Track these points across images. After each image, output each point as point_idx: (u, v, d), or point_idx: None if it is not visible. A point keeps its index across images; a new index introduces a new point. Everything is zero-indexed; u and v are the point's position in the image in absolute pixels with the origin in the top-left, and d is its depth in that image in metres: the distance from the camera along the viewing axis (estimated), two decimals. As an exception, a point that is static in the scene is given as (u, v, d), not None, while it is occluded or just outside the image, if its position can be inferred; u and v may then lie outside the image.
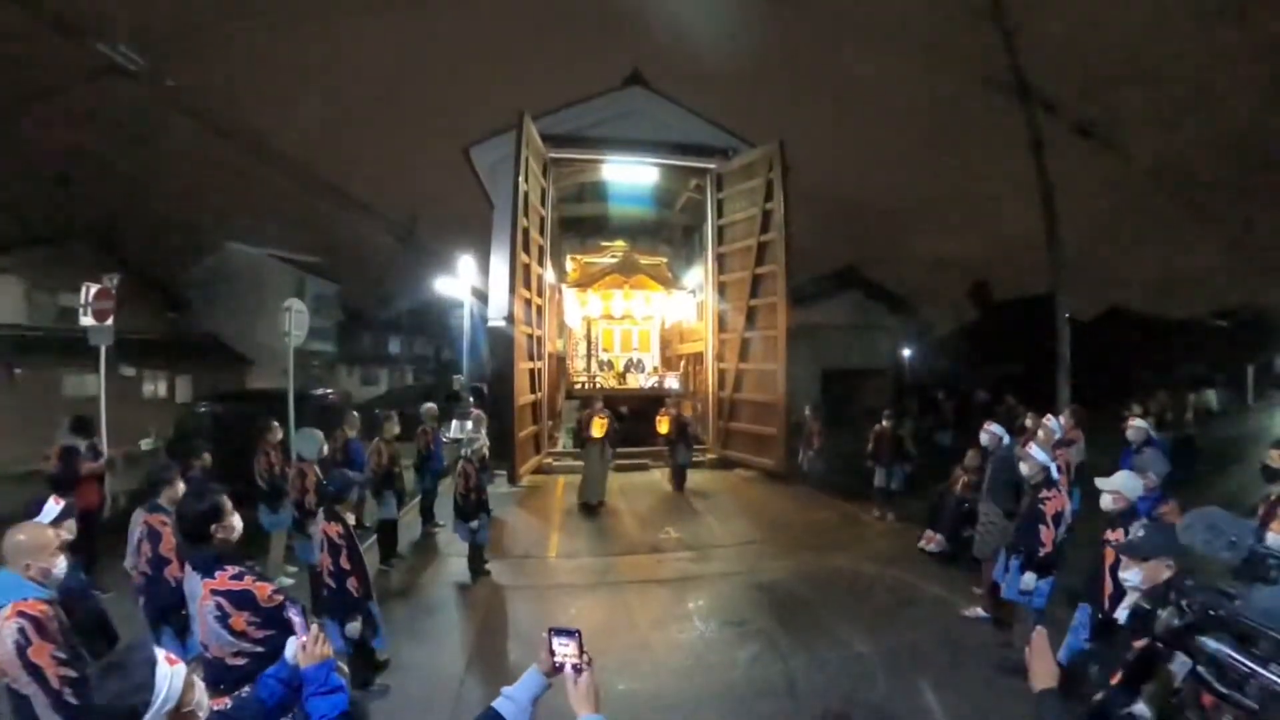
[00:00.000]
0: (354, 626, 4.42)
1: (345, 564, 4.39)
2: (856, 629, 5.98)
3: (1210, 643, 2.54)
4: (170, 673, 1.78)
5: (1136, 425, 7.20)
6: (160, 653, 1.83)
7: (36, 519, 3.60)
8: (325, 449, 7.01)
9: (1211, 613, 2.59)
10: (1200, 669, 2.51)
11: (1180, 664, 2.58)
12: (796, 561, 7.92)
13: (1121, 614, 3.21)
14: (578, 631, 1.92)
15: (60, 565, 3.06)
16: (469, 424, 10.92)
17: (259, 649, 2.90)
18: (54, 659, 2.69)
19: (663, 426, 11.50)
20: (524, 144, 11.59)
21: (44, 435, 7.66)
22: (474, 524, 7.16)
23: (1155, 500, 4.81)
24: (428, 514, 9.31)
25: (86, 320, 9.66)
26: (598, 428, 10.46)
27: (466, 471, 7.24)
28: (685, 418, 11.46)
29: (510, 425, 11.29)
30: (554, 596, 6.91)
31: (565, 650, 1.90)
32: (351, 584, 4.41)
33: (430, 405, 9.89)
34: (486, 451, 8.22)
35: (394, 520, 8.14)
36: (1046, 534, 4.82)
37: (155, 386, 22.47)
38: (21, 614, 2.71)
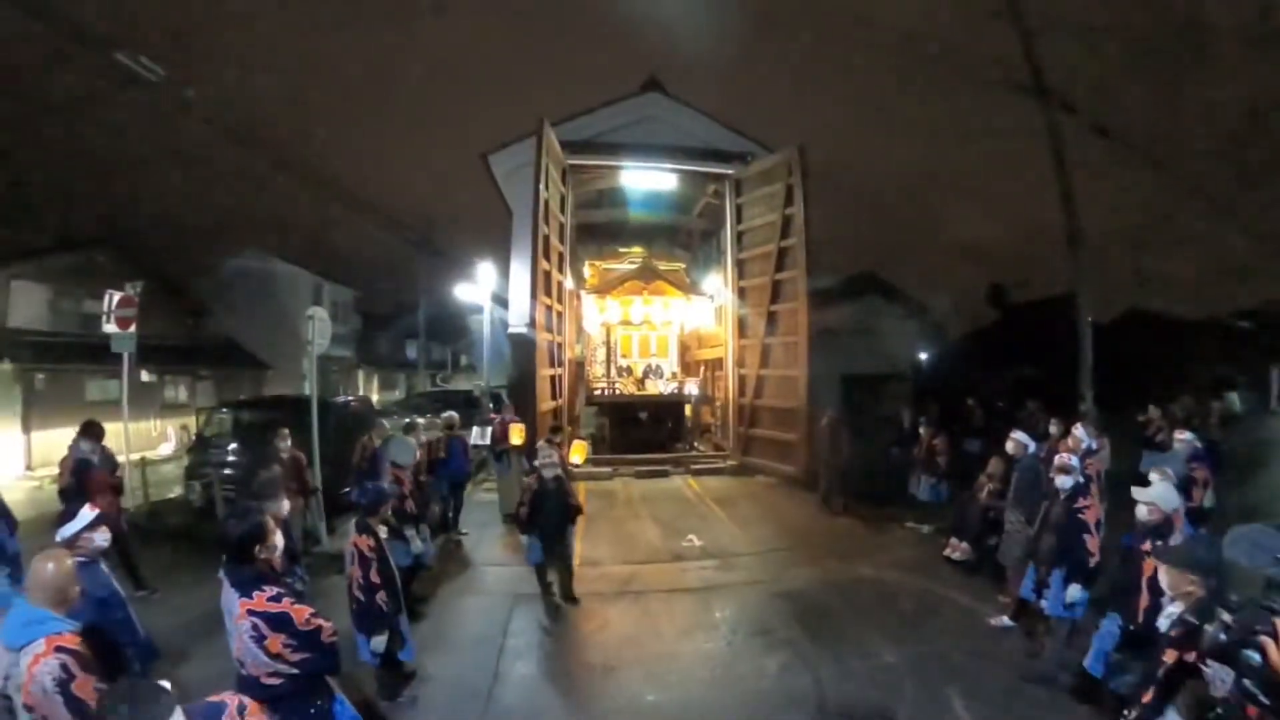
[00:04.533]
0: (379, 641, 4.45)
1: (375, 578, 4.42)
2: (884, 638, 5.94)
3: (1256, 656, 2.53)
4: None
5: (1182, 438, 7.18)
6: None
7: (71, 524, 3.64)
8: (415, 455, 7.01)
9: (1257, 628, 2.57)
10: (1246, 682, 2.50)
11: (1217, 676, 2.58)
12: (821, 570, 7.87)
13: (1163, 623, 3.20)
14: None
15: (74, 592, 2.97)
16: (489, 430, 10.97)
17: (294, 671, 2.93)
18: (97, 691, 2.61)
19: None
20: (544, 151, 11.65)
21: (67, 442, 7.53)
22: (524, 539, 6.86)
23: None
24: (447, 522, 9.30)
25: (109, 327, 9.74)
26: (516, 434, 9.83)
27: (527, 485, 6.90)
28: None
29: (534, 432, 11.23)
30: (579, 605, 6.88)
31: None
32: (380, 598, 4.43)
33: (451, 414, 9.91)
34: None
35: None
36: (1093, 542, 4.80)
37: (176, 392, 22.71)
38: (60, 649, 2.65)
